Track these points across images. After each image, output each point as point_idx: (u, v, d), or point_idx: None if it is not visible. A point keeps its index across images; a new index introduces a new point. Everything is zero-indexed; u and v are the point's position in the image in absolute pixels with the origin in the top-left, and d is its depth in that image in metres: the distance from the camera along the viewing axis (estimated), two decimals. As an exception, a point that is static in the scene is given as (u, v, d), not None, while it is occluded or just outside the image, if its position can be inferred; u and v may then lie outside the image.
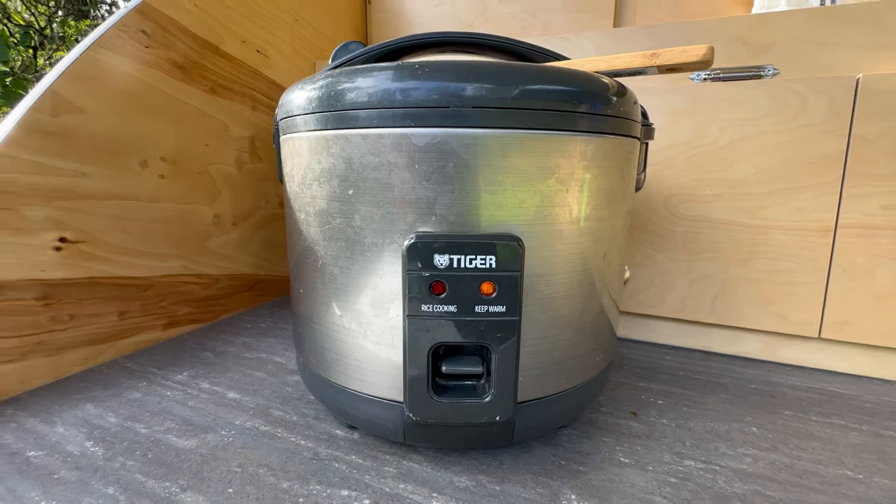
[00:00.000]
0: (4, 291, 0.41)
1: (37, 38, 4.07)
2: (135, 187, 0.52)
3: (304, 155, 0.32)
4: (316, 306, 0.34)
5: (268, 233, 0.71)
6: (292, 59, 0.72)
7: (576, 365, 0.34)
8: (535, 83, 0.28)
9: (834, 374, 0.50)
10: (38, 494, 0.30)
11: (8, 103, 3.42)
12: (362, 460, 0.35)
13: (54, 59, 4.04)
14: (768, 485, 0.32)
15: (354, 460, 0.34)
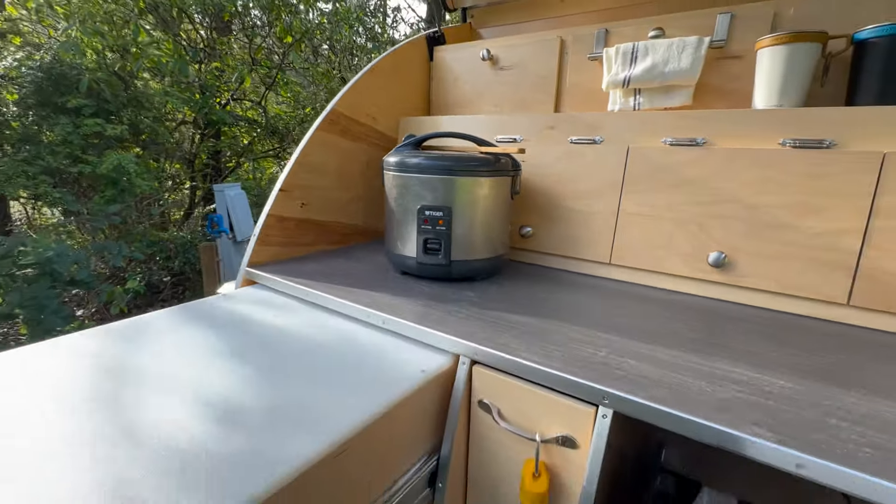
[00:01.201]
0: (286, 221, 1.17)
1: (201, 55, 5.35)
2: (327, 184, 1.26)
3: (389, 178, 1.02)
4: (391, 228, 1.04)
5: (371, 206, 1.44)
6: (388, 119, 1.43)
7: (477, 252, 1.00)
8: (468, 161, 0.94)
9: (618, 282, 1.09)
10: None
11: (193, 109, 4.67)
12: (406, 281, 1.04)
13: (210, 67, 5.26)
14: (515, 308, 0.96)
15: (406, 280, 1.04)
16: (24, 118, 3.82)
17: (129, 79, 4.43)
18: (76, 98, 3.76)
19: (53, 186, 3.75)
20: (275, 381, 0.64)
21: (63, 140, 3.78)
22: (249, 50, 5.49)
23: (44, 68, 3.67)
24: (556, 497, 0.64)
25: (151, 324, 0.83)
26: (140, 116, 4.39)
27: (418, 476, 0.69)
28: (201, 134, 5.67)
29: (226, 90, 5.62)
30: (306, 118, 6.18)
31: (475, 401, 0.71)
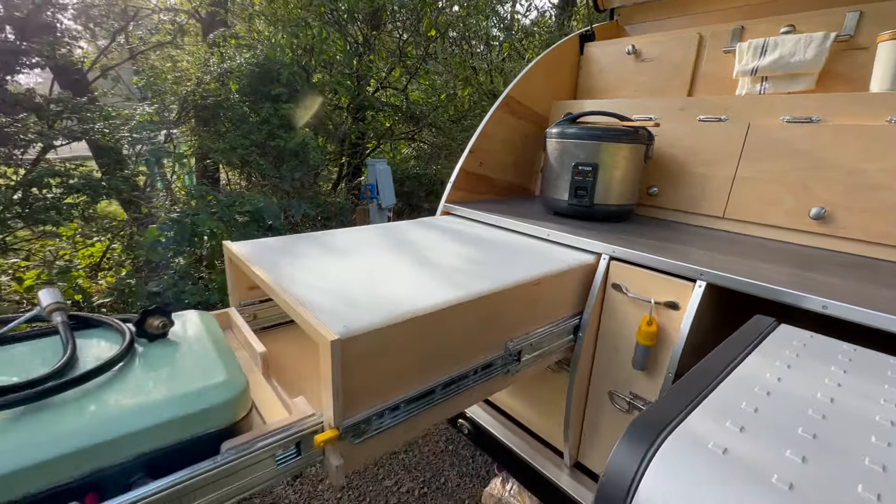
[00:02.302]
0: (470, 175, 1.65)
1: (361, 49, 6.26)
2: (497, 149, 1.72)
3: (551, 144, 1.43)
4: (548, 180, 1.46)
5: (523, 169, 1.86)
6: (543, 102, 1.83)
7: (612, 199, 1.37)
8: (613, 131, 1.31)
9: (728, 232, 1.36)
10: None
11: (350, 96, 5.52)
12: (558, 218, 1.45)
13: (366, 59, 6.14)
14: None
15: (557, 217, 1.45)
16: (241, 104, 5.04)
17: (310, 72, 5.48)
18: (277, 87, 4.84)
19: (259, 157, 4.90)
20: (480, 255, 1.11)
21: (265, 120, 4.91)
22: (399, 43, 6.29)
23: (258, 64, 4.79)
24: (662, 338, 1.01)
25: (401, 226, 1.37)
26: (322, 103, 5.40)
27: (566, 324, 1.11)
28: (353, 118, 6.69)
29: (375, 79, 6.53)
30: (440, 104, 6.85)
31: (610, 283, 1.11)
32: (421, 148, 8.15)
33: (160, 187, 4.72)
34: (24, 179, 3.07)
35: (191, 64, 4.92)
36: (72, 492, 0.55)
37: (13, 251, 3.64)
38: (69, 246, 4.38)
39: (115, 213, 5.02)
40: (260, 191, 5.28)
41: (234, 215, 4.32)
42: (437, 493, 2.08)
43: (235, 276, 1.08)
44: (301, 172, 5.02)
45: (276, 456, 0.67)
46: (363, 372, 0.70)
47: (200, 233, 3.86)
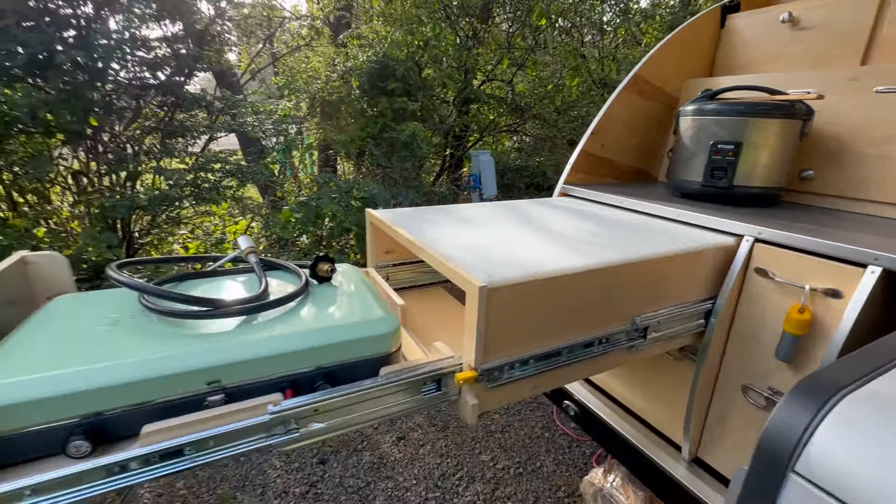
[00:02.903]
0: (591, 156, 1.63)
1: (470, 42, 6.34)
2: (620, 132, 1.66)
3: (686, 122, 1.35)
4: (678, 161, 1.38)
5: (646, 152, 1.77)
6: (674, 81, 1.72)
7: (756, 181, 1.25)
8: (762, 105, 1.20)
9: None
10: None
11: (457, 89, 5.64)
12: (687, 201, 1.37)
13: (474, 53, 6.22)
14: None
15: (686, 200, 1.37)
16: (360, 99, 5.49)
17: (422, 67, 5.75)
18: (392, 83, 5.18)
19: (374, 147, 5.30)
20: (605, 231, 1.10)
21: (380, 114, 5.29)
22: (507, 35, 6.29)
23: (377, 61, 5.16)
24: (816, 329, 0.91)
25: (520, 204, 1.41)
26: (431, 96, 5.67)
27: (697, 308, 1.05)
28: (458, 111, 6.87)
29: (482, 72, 6.62)
30: (545, 95, 6.72)
31: (752, 268, 1.02)
32: (523, 140, 8.08)
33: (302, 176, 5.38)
34: (195, 165, 3.71)
35: (321, 64, 5.48)
36: (277, 386, 0.69)
37: (183, 224, 4.40)
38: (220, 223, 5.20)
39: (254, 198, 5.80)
40: (372, 179, 5.70)
41: (350, 200, 4.73)
42: (533, 476, 2.11)
43: (375, 239, 1.22)
44: (410, 163, 5.31)
45: (423, 387, 0.76)
46: (501, 322, 0.75)
47: (323, 215, 4.28)
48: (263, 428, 0.64)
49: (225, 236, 4.79)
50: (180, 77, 3.42)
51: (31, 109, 2.59)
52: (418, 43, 5.61)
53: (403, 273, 1.29)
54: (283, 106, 4.57)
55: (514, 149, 7.93)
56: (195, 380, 0.63)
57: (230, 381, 0.66)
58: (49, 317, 0.74)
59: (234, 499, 1.95)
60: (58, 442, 0.57)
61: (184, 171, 3.65)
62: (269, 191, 5.33)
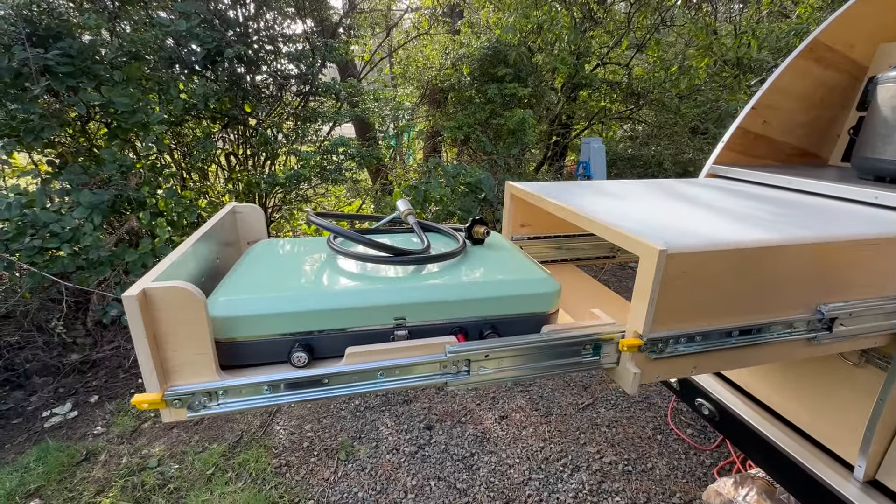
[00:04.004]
0: (748, 134, 1.46)
1: (585, 24, 6.03)
2: (789, 106, 1.46)
3: (888, 91, 1.14)
4: (873, 136, 1.17)
5: (816, 131, 1.54)
6: (866, 46, 1.46)
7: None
8: None
9: None
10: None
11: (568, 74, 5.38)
12: (880, 184, 1.17)
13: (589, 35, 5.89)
14: None
15: (881, 185, 1.17)
16: (470, 86, 5.56)
17: (534, 52, 5.63)
18: (503, 69, 5.16)
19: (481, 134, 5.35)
20: (782, 210, 0.98)
21: (489, 100, 5.31)
22: (628, 14, 5.86)
23: (490, 47, 5.17)
24: None
25: (664, 182, 1.32)
26: (539, 82, 5.55)
27: (884, 308, 0.90)
28: (567, 97, 6.60)
29: (596, 55, 6.27)
30: (667, 78, 6.16)
31: None
32: (635, 129, 7.52)
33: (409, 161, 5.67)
34: (322, 148, 4.09)
35: (436, 52, 5.64)
36: (450, 330, 0.74)
37: (308, 203, 4.87)
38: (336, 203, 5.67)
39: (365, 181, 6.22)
40: (478, 166, 5.77)
41: (457, 185, 4.84)
42: (643, 476, 2.00)
43: (513, 212, 1.24)
44: (516, 150, 5.27)
45: (581, 350, 0.77)
46: (674, 292, 0.72)
47: (431, 198, 4.44)
48: (440, 366, 0.70)
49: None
50: (315, 67, 3.77)
51: (205, 98, 3.07)
52: (531, 27, 5.49)
53: (537, 247, 1.29)
54: (402, 92, 4.81)
55: (625, 137, 7.43)
56: (386, 314, 0.71)
57: (413, 320, 0.72)
58: (261, 255, 0.87)
59: (353, 447, 2.15)
60: (284, 352, 0.68)
61: (313, 153, 4.04)
62: (380, 175, 5.67)
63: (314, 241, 0.94)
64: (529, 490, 1.92)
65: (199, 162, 3.58)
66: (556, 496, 1.89)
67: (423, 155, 6.59)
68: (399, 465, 2.05)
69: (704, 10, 6.50)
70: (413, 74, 5.93)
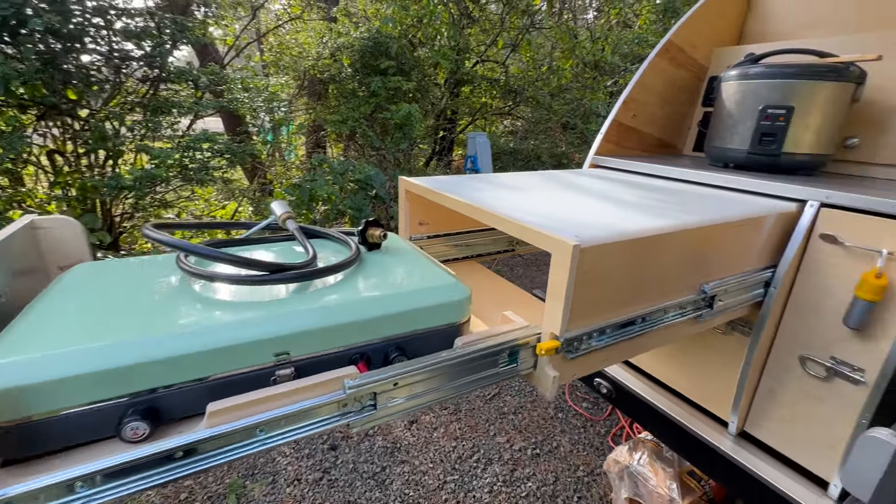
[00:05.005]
0: (621, 126, 1.56)
1: (464, 21, 6.16)
2: (651, 100, 1.60)
3: (730, 87, 1.29)
4: (719, 129, 1.32)
5: (671, 124, 1.72)
6: (703, 49, 1.66)
7: (805, 148, 1.20)
8: (816, 66, 1.15)
9: None
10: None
11: (449, 70, 5.44)
12: (731, 171, 1.32)
13: (467, 32, 6.05)
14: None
15: (730, 170, 1.33)
16: (352, 78, 5.30)
17: (416, 45, 5.58)
18: (385, 61, 5.01)
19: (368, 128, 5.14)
20: (666, 197, 1.04)
21: (373, 93, 5.12)
22: (501, 15, 6.15)
23: (371, 38, 4.97)
24: (891, 296, 0.88)
25: (557, 173, 1.34)
26: (423, 77, 5.51)
27: (757, 277, 1.01)
28: (450, 92, 6.72)
29: (475, 52, 6.47)
30: (540, 77, 6.62)
31: (817, 234, 0.98)
32: (515, 124, 7.98)
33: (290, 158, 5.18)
34: (182, 144, 3.52)
35: (312, 40, 5.25)
36: (349, 359, 0.61)
37: (169, 208, 4.19)
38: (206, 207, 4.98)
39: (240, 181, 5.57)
40: (366, 161, 5.55)
41: (346, 183, 4.58)
42: (550, 456, 2.08)
43: (410, 210, 1.14)
44: (405, 144, 5.18)
45: (499, 358, 0.70)
46: (587, 286, 0.69)
47: (317, 197, 4.13)
48: (339, 405, 0.57)
49: (214, 219, 4.60)
50: (164, 49, 3.20)
51: (3, 79, 2.38)
52: (411, 20, 5.42)
53: (437, 246, 1.21)
54: (273, 83, 4.36)
55: (506, 132, 7.83)
56: (262, 351, 0.55)
57: (299, 353, 0.58)
58: (72, 286, 0.64)
59: (244, 488, 1.87)
60: (110, 424, 0.48)
61: (170, 150, 3.45)
62: (257, 174, 5.12)
63: (158, 260, 0.72)
64: (445, 494, 1.86)
65: (7, 162, 2.80)
66: (473, 494, 1.87)
67: (305, 151, 6.14)
68: (303, 498, 1.83)
69: (566, 17, 7.13)
70: (288, 63, 5.45)
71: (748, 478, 1.09)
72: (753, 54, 1.33)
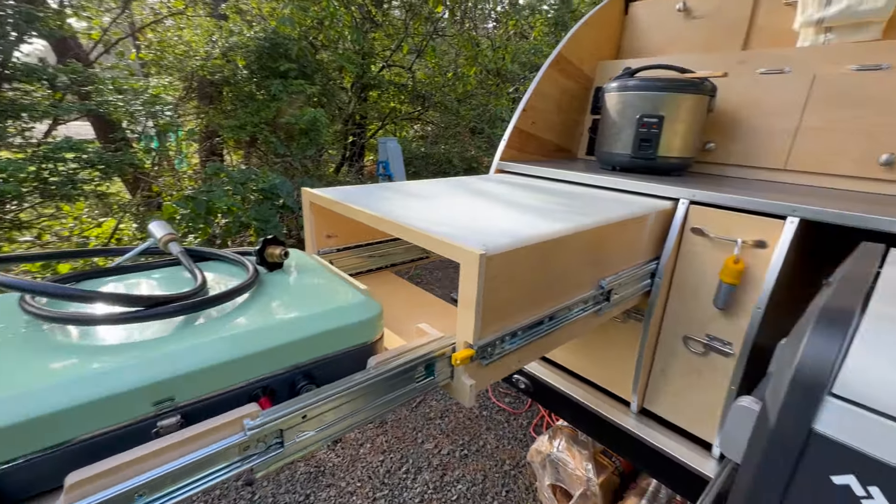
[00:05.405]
0: (522, 133, 1.64)
1: (366, 25, 6.09)
2: (548, 108, 1.70)
3: (612, 98, 1.42)
4: (605, 135, 1.46)
5: (566, 130, 1.86)
6: (589, 62, 1.82)
7: (675, 151, 1.37)
8: (679, 81, 1.31)
9: (790, 184, 1.38)
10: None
11: (355, 74, 5.35)
12: (618, 173, 1.46)
13: (370, 37, 5.99)
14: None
15: (616, 172, 1.46)
16: (249, 80, 4.94)
17: (319, 48, 5.38)
18: (285, 64, 4.75)
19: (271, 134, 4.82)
20: (564, 200, 1.11)
21: (274, 97, 4.82)
22: (405, 20, 6.18)
23: (267, 38, 4.68)
24: (748, 277, 1.03)
25: (464, 180, 1.36)
26: (328, 81, 5.32)
27: (644, 270, 1.12)
28: (358, 97, 6.59)
29: (380, 57, 6.43)
30: (446, 83, 6.77)
31: (689, 228, 1.12)
32: (426, 129, 8.07)
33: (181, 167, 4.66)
34: (39, 153, 3.00)
35: (199, 38, 4.80)
36: (249, 395, 0.55)
37: (25, 229, 3.56)
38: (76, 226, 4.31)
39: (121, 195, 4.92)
40: (270, 169, 5.22)
41: (248, 192, 4.27)
42: (478, 455, 2.12)
43: (316, 223, 1.08)
44: (312, 151, 4.96)
45: (415, 373, 0.68)
46: (496, 293, 0.70)
47: (215, 210, 3.80)
48: (240, 449, 0.51)
49: (87, 240, 4.00)
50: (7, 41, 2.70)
51: None
52: (311, 22, 5.22)
53: (348, 259, 1.17)
54: (155, 84, 3.91)
55: (417, 137, 7.89)
56: (138, 401, 0.47)
57: (187, 397, 0.51)
58: None
59: (142, 547, 1.63)
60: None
61: (21, 161, 2.92)
62: (140, 186, 4.55)
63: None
64: (375, 512, 1.81)
65: None
66: (404, 507, 1.83)
67: (199, 159, 5.59)
68: (215, 546, 1.65)
69: (467, 25, 7.38)
70: (172, 63, 4.92)
71: (648, 449, 1.20)
72: (630, 68, 1.48)
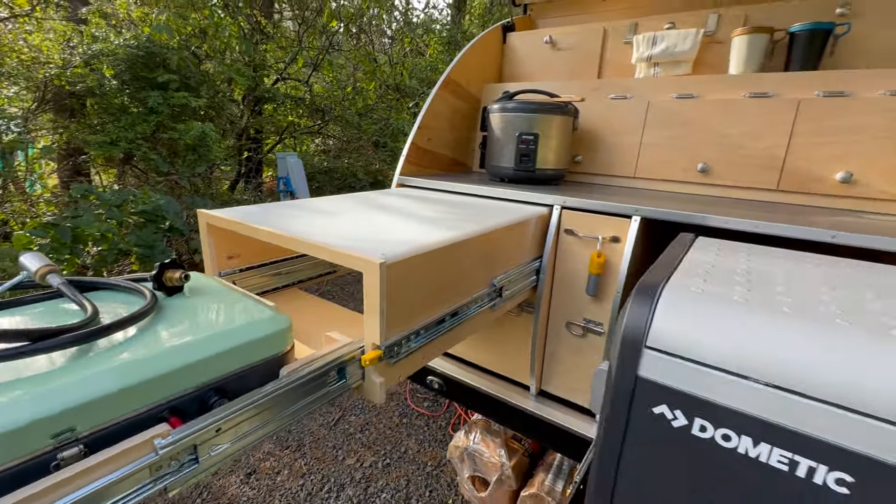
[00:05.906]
0: (419, 149, 1.76)
1: (257, 37, 5.86)
2: (441, 126, 1.84)
3: (495, 118, 1.61)
4: (492, 150, 1.63)
5: (459, 146, 2.02)
6: (476, 84, 2.01)
7: (550, 164, 1.59)
8: (549, 104, 1.53)
9: (638, 189, 1.67)
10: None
11: (247, 86, 5.15)
12: (502, 184, 1.63)
13: (261, 49, 5.79)
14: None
15: (501, 183, 1.63)
16: (120, 92, 4.44)
17: (203, 58, 5.03)
18: (164, 74, 4.37)
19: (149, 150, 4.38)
20: (458, 210, 1.24)
21: (152, 110, 4.40)
22: (299, 33, 6.05)
23: (140, 47, 4.27)
24: (608, 267, 1.24)
25: (368, 194, 1.43)
26: (216, 93, 4.99)
27: (529, 267, 1.29)
28: (251, 110, 6.27)
29: (274, 69, 6.21)
30: (346, 97, 6.75)
31: (563, 229, 1.31)
32: (327, 143, 7.93)
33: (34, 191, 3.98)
34: None
35: (53, 43, 4.20)
36: (156, 418, 0.56)
37: None
38: None
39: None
40: (151, 189, 4.74)
41: (125, 216, 3.85)
42: (400, 462, 2.17)
43: (215, 244, 1.07)
44: (202, 168, 4.61)
45: (328, 378, 0.73)
46: (397, 297, 0.78)
47: (85, 237, 3.39)
48: (152, 469, 0.52)
49: None
50: None
51: None
52: (191, 30, 4.87)
53: (253, 279, 1.17)
54: (-4, 95, 3.36)
55: (319, 151, 7.71)
56: (32, 436, 0.46)
57: (90, 425, 0.50)
58: None
59: None
60: None
61: None
62: (-20, 213, 3.83)
63: None
64: (297, 538, 1.76)
65: None
66: (327, 527, 1.81)
67: (59, 180, 4.86)
68: None
69: (364, 41, 7.45)
70: (18, 70, 4.24)
71: (547, 426, 1.37)
72: (508, 91, 1.68)
